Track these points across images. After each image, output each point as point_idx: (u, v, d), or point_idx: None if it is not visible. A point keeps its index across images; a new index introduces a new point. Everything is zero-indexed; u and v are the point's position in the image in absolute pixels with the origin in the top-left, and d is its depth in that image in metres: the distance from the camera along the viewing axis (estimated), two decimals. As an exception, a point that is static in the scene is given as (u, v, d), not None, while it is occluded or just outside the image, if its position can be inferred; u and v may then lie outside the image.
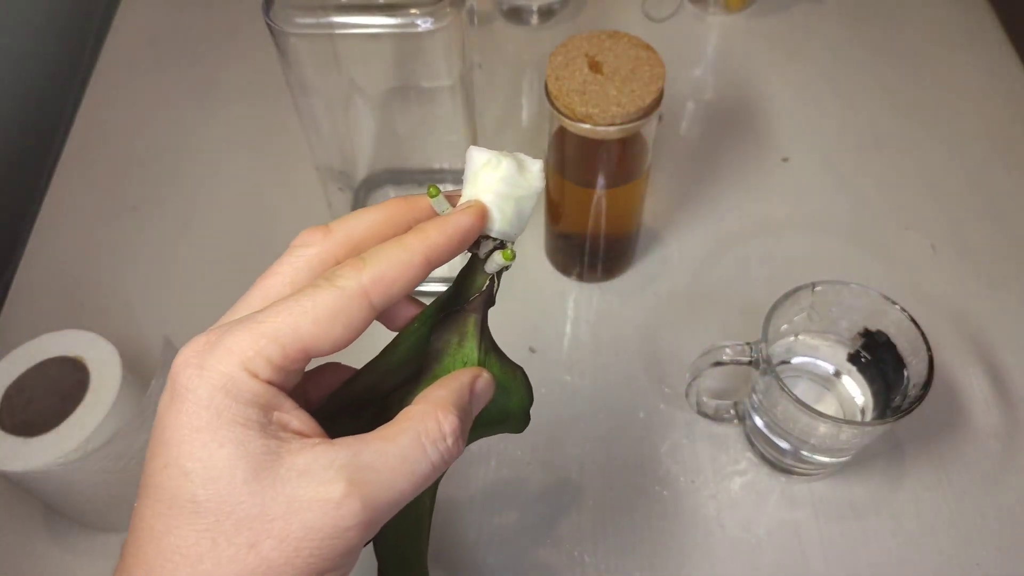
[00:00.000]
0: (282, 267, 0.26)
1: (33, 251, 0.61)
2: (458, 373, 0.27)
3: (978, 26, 0.74)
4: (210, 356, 0.23)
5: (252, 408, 0.22)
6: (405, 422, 0.24)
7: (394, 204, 0.27)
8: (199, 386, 0.22)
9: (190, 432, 0.22)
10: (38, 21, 0.72)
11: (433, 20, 0.41)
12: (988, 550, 0.46)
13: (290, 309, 0.23)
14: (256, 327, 0.23)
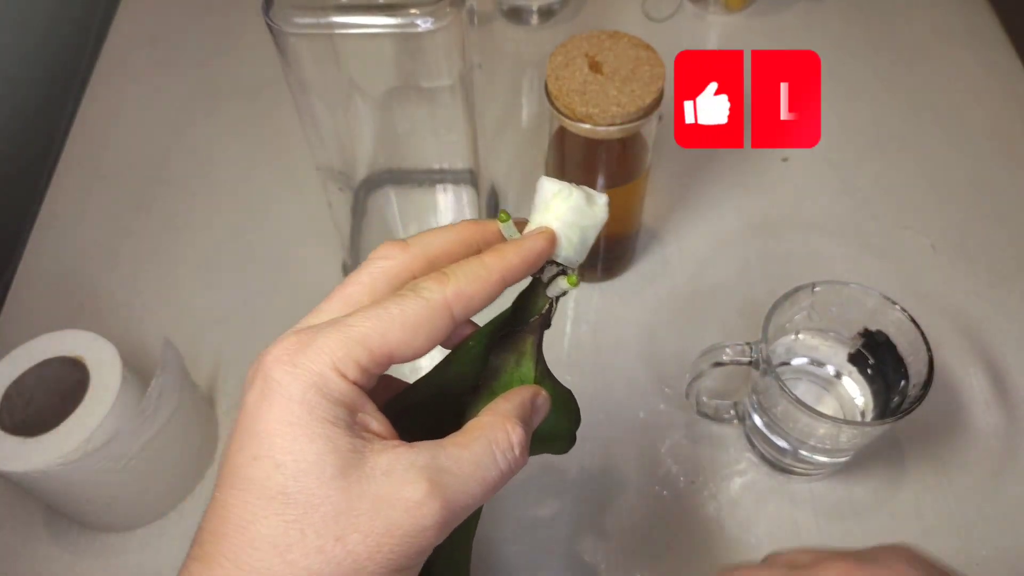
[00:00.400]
0: (362, 276, 0.27)
1: (33, 251, 0.61)
2: (520, 389, 0.28)
3: (978, 26, 0.74)
4: (302, 355, 0.24)
5: (340, 407, 0.24)
6: (476, 431, 0.26)
7: (466, 226, 0.29)
8: (292, 383, 0.23)
9: (282, 426, 0.23)
10: (38, 21, 0.72)
11: (433, 20, 0.41)
12: (988, 550, 0.46)
13: (379, 315, 0.25)
14: (347, 330, 0.24)
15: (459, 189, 0.60)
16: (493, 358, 0.30)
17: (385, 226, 0.61)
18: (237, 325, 0.57)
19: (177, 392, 0.46)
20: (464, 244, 0.29)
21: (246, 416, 0.24)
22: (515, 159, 0.65)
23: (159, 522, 0.49)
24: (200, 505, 0.49)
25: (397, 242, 0.28)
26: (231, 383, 0.54)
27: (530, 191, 0.67)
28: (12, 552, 0.48)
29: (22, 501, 0.50)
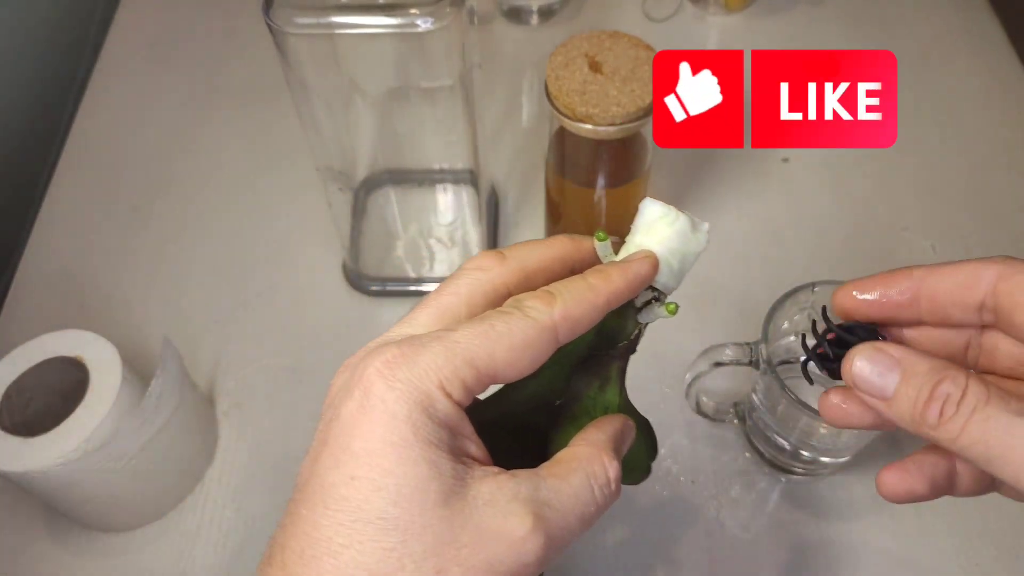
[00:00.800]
0: (459, 287, 0.26)
1: (33, 251, 0.61)
2: (611, 419, 0.28)
3: (978, 27, 0.74)
4: (407, 370, 0.22)
5: (444, 429, 0.23)
6: (574, 462, 0.25)
7: (562, 242, 0.28)
8: (396, 400, 0.22)
9: (384, 446, 0.22)
10: (38, 21, 0.72)
11: (433, 20, 0.41)
12: (988, 550, 0.46)
13: (486, 333, 0.23)
14: (453, 346, 0.23)
15: (459, 189, 0.60)
16: (575, 381, 0.29)
17: (385, 226, 0.61)
18: (237, 325, 0.57)
19: (177, 392, 0.46)
20: (560, 261, 0.27)
21: (342, 430, 0.23)
22: (515, 159, 0.65)
23: (159, 522, 0.49)
24: (200, 505, 0.49)
25: (493, 252, 0.27)
26: (231, 383, 0.54)
27: (530, 191, 0.67)
28: (12, 552, 0.48)
29: (22, 501, 0.50)
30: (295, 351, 0.55)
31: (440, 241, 0.60)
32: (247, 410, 0.53)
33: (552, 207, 0.55)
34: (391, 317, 0.57)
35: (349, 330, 0.57)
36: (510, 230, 0.61)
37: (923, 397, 0.24)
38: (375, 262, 0.59)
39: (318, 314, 0.57)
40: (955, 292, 0.27)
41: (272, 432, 0.52)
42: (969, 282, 0.27)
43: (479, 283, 0.26)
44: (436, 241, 0.60)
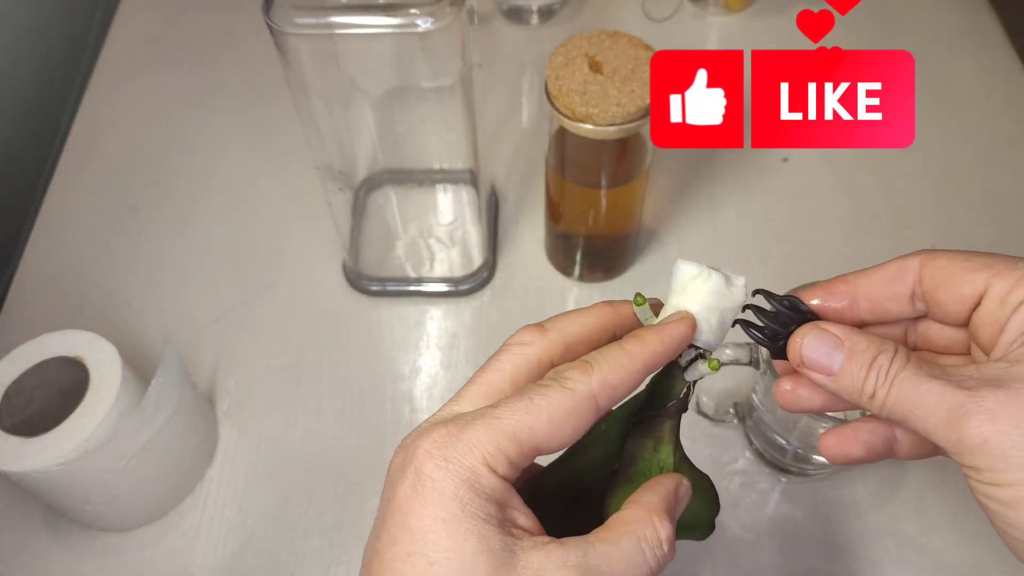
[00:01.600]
0: (502, 363, 0.27)
1: (33, 251, 0.61)
2: (663, 479, 0.28)
3: (978, 27, 0.74)
4: (453, 449, 0.24)
5: (491, 503, 0.23)
6: (623, 526, 0.25)
7: (601, 309, 0.29)
8: (444, 478, 0.23)
9: (435, 522, 0.23)
10: (38, 21, 0.72)
11: (433, 20, 0.41)
12: (988, 551, 0.46)
13: (526, 408, 0.24)
14: (495, 423, 0.24)
15: (459, 189, 0.60)
16: (629, 444, 0.29)
17: (385, 226, 0.61)
18: (237, 325, 0.57)
19: (177, 392, 0.46)
20: (601, 328, 0.28)
21: (397, 509, 0.24)
22: (515, 159, 0.66)
23: (159, 522, 0.49)
24: (200, 505, 0.49)
25: (535, 327, 0.28)
26: (231, 383, 0.54)
27: (530, 191, 0.67)
28: (12, 552, 0.48)
29: (22, 501, 0.50)
30: (295, 351, 0.56)
31: (440, 241, 0.60)
32: (247, 410, 0.53)
33: (552, 207, 0.55)
34: (391, 317, 0.57)
35: (349, 330, 0.57)
36: (510, 230, 0.61)
37: (863, 370, 0.26)
38: (375, 262, 0.59)
39: (318, 314, 0.57)
40: (886, 288, 0.29)
41: (272, 432, 0.52)
42: (897, 276, 0.29)
43: (522, 358, 0.27)
44: (436, 241, 0.60)
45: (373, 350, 0.56)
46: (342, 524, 0.49)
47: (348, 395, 0.54)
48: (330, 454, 0.51)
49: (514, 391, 0.26)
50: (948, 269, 0.27)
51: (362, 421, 0.52)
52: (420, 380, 0.54)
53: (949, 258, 0.27)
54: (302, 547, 0.48)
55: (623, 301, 0.29)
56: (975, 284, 0.26)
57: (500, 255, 0.60)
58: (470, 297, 0.58)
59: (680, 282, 0.30)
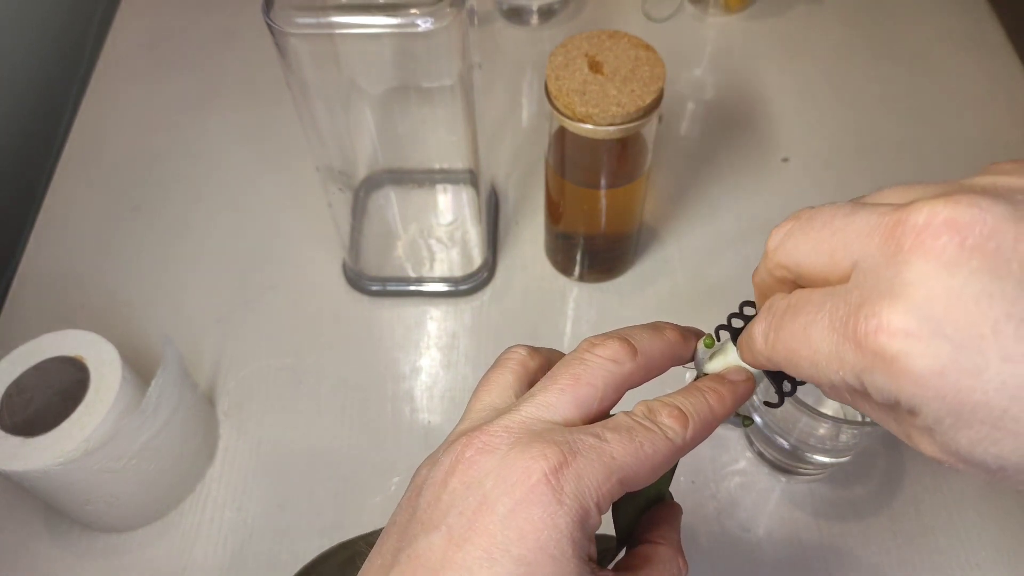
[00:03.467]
0: (596, 379, 0.26)
1: (33, 251, 0.61)
2: (675, 513, 0.29)
3: (978, 28, 0.74)
4: (574, 484, 0.23)
5: (591, 544, 0.23)
6: (659, 564, 0.27)
7: (675, 337, 0.28)
8: (563, 514, 0.22)
9: (545, 557, 0.22)
10: (38, 22, 0.72)
11: (433, 20, 0.41)
12: (987, 551, 0.46)
13: (637, 452, 0.24)
14: (611, 463, 0.23)
15: (459, 189, 0.61)
16: None
17: (385, 226, 0.61)
18: (237, 325, 0.57)
19: (177, 392, 0.46)
20: (675, 358, 0.28)
21: (499, 528, 0.22)
22: (515, 159, 0.66)
23: (159, 522, 0.49)
24: (200, 505, 0.49)
25: (626, 344, 0.27)
26: (231, 383, 0.54)
27: (530, 191, 0.67)
28: (12, 552, 0.48)
29: (22, 501, 0.50)
30: (295, 351, 0.56)
31: (440, 241, 0.60)
32: (247, 410, 0.53)
33: (552, 207, 0.55)
34: (391, 317, 0.57)
35: (349, 330, 0.57)
36: (510, 230, 0.61)
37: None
38: (375, 262, 0.59)
39: (318, 314, 0.57)
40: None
41: (272, 432, 0.52)
42: None
43: (614, 377, 0.26)
44: (436, 241, 0.60)
45: (373, 350, 0.56)
46: (342, 524, 0.49)
47: (348, 395, 0.54)
48: (330, 454, 0.51)
49: (600, 410, 0.26)
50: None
51: (362, 421, 0.52)
52: (420, 380, 0.54)
53: None
54: (302, 547, 0.48)
55: (690, 331, 0.29)
56: None
57: (500, 255, 0.60)
58: (470, 297, 0.58)
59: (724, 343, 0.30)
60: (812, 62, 0.72)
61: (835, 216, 0.22)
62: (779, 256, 0.24)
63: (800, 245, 0.23)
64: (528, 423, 0.24)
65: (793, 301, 0.23)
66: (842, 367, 0.20)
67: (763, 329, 0.24)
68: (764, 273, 0.26)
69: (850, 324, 0.20)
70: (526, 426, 0.24)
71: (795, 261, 0.23)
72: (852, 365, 0.20)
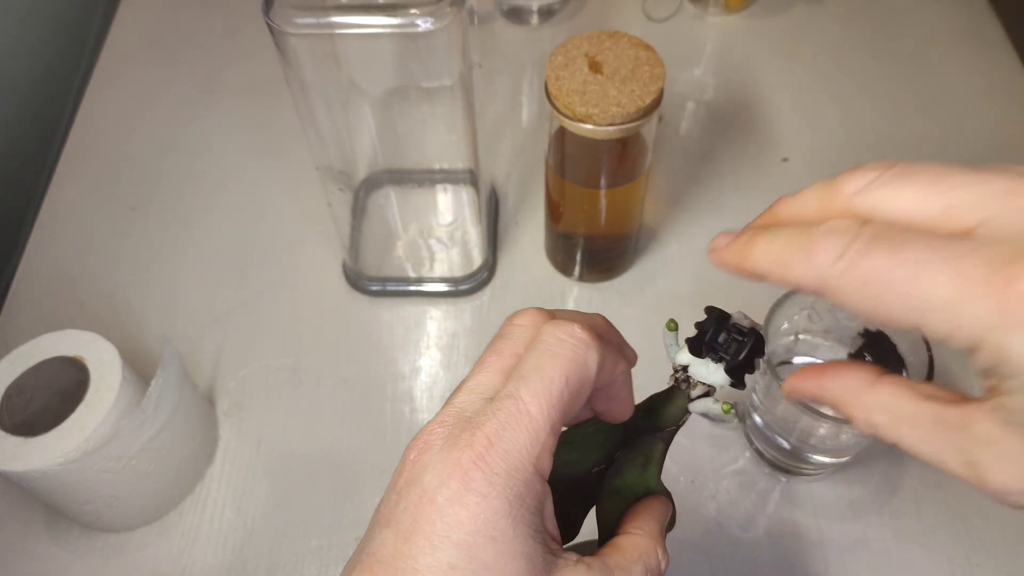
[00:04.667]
0: (519, 347, 0.27)
1: (33, 251, 0.61)
2: (660, 506, 0.29)
3: (978, 27, 0.74)
4: (500, 462, 0.23)
5: (537, 515, 0.23)
6: (634, 552, 0.26)
7: (597, 328, 0.28)
8: (497, 495, 0.22)
9: (485, 540, 0.22)
10: (38, 21, 0.72)
11: (433, 20, 0.41)
12: (987, 550, 0.46)
13: (554, 391, 0.24)
14: (531, 422, 0.23)
15: (459, 189, 0.60)
16: (620, 455, 0.30)
17: (385, 226, 0.61)
18: (237, 325, 0.57)
19: (177, 392, 0.46)
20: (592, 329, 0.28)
21: (438, 516, 0.22)
22: (515, 159, 0.66)
23: (159, 522, 0.49)
24: (200, 505, 0.49)
25: (541, 312, 0.28)
26: (231, 383, 0.54)
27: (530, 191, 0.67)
28: (12, 552, 0.48)
29: (22, 501, 0.50)
30: (295, 351, 0.56)
31: (440, 241, 0.60)
32: (247, 410, 0.53)
33: (552, 207, 0.55)
34: (391, 317, 0.57)
35: (349, 330, 0.57)
36: (510, 230, 0.61)
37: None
38: (375, 262, 0.59)
39: (318, 314, 0.57)
40: None
41: (272, 432, 0.52)
42: None
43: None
44: (436, 241, 0.60)
45: (373, 350, 0.56)
46: (342, 524, 0.49)
47: (348, 395, 0.54)
48: (330, 454, 0.51)
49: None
50: None
51: (362, 421, 0.52)
52: (420, 380, 0.54)
53: None
54: (302, 547, 0.48)
55: (610, 341, 0.29)
56: None
57: (500, 255, 0.60)
58: (470, 297, 0.58)
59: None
60: (812, 61, 0.72)
61: (951, 173, 0.21)
62: (861, 201, 0.23)
63: (901, 194, 0.22)
64: (460, 411, 0.25)
65: (885, 232, 0.21)
66: (961, 321, 0.19)
67: (838, 248, 0.22)
68: (819, 209, 0.25)
69: (994, 279, 0.19)
70: (458, 415, 0.24)
71: (887, 208, 0.22)
72: (980, 321, 0.19)
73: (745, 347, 0.28)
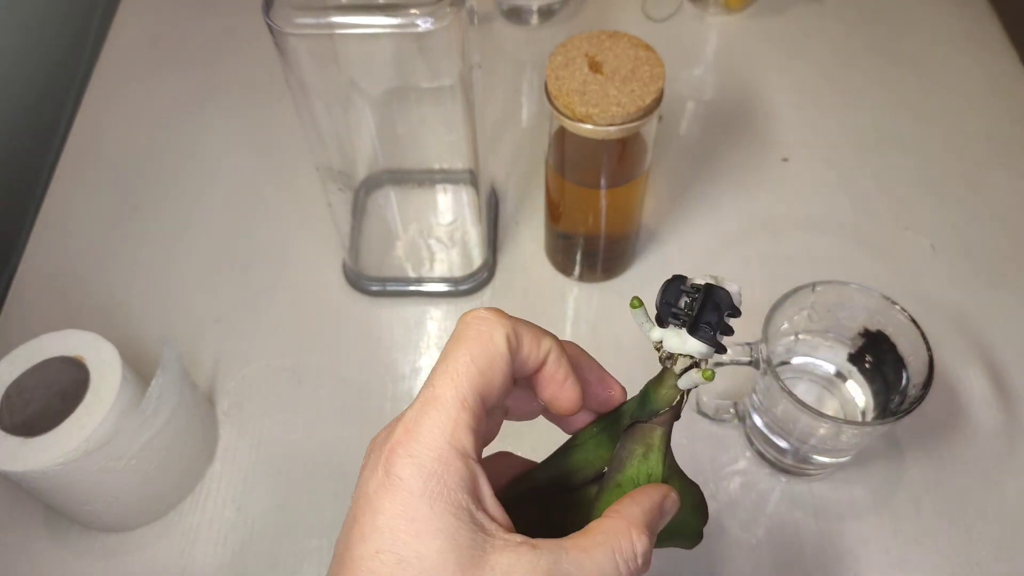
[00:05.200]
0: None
1: (33, 251, 0.61)
2: (650, 490, 0.27)
3: (978, 27, 0.74)
4: (417, 441, 0.23)
5: (461, 492, 0.23)
6: (600, 535, 0.25)
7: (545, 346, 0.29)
8: (412, 476, 0.23)
9: (404, 522, 0.22)
10: (38, 22, 0.72)
11: (433, 20, 0.41)
12: (988, 550, 0.46)
13: (454, 373, 0.25)
14: (440, 403, 0.24)
15: (459, 189, 0.61)
16: (619, 449, 0.29)
17: (385, 226, 0.61)
18: (237, 325, 0.57)
19: (177, 392, 0.46)
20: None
21: (367, 506, 0.23)
22: (515, 159, 0.66)
23: (159, 522, 0.49)
24: (200, 505, 0.49)
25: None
26: (231, 383, 0.54)
27: (530, 191, 0.67)
28: (12, 552, 0.48)
29: (22, 501, 0.50)
30: (295, 351, 0.56)
31: (440, 241, 0.60)
32: (247, 410, 0.53)
33: (552, 207, 0.55)
34: (391, 317, 0.57)
35: (349, 330, 0.57)
36: (510, 230, 0.61)
37: None
38: (375, 262, 0.59)
39: (318, 314, 0.57)
40: None
41: (272, 432, 0.52)
42: None
43: None
44: (436, 241, 0.60)
45: (373, 350, 0.56)
46: (341, 524, 0.48)
47: (348, 395, 0.54)
48: (330, 454, 0.51)
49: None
50: None
51: (362, 421, 0.52)
52: (420, 380, 0.54)
53: None
54: (302, 547, 0.48)
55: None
56: None
57: (500, 255, 0.60)
58: (470, 297, 0.58)
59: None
60: (812, 62, 0.72)
61: None
62: None
63: None
64: (402, 412, 0.25)
65: None
66: None
67: None
68: None
69: None
70: (400, 416, 0.25)
71: None
72: None
73: (698, 303, 0.27)
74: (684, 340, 0.27)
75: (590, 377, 0.29)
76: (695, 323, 0.27)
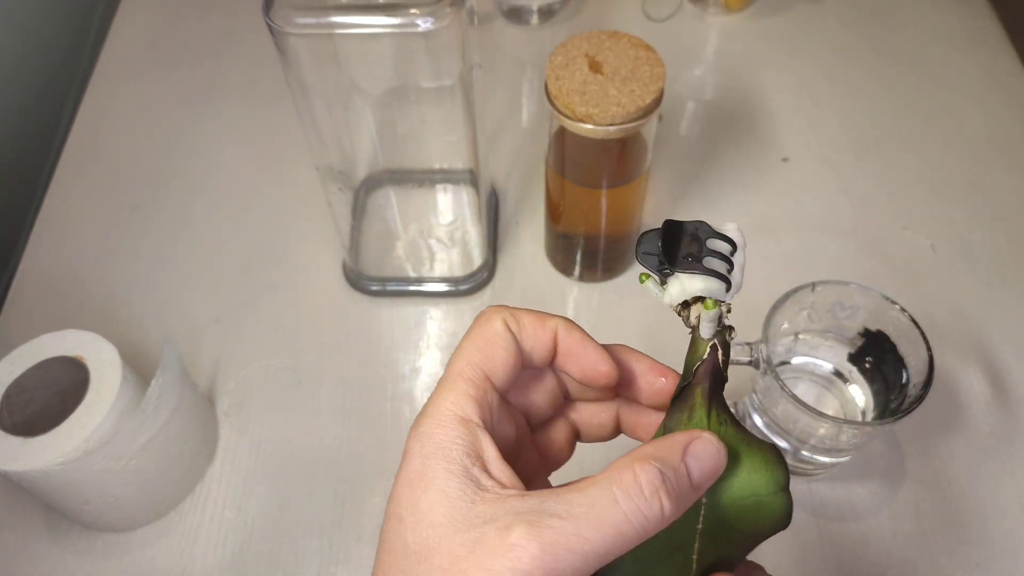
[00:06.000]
0: None
1: (33, 251, 0.61)
2: (673, 434, 0.26)
3: (978, 26, 0.74)
4: (424, 418, 0.26)
5: (456, 450, 0.25)
6: (599, 476, 0.24)
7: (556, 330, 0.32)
8: (417, 448, 0.25)
9: (407, 487, 0.25)
10: (38, 22, 0.72)
11: (433, 20, 0.41)
12: (988, 550, 0.46)
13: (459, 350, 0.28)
14: (449, 380, 0.27)
15: (459, 189, 0.60)
16: (666, 419, 0.27)
17: (385, 226, 0.61)
18: (237, 325, 0.57)
19: (177, 392, 0.46)
20: None
21: (396, 487, 0.25)
22: (515, 159, 0.66)
23: (159, 522, 0.49)
24: (200, 505, 0.49)
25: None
26: (231, 383, 0.54)
27: (530, 191, 0.67)
28: (12, 552, 0.48)
29: (22, 501, 0.50)
30: (295, 351, 0.56)
31: (440, 241, 0.60)
32: (247, 410, 0.53)
33: (552, 207, 0.55)
34: (391, 317, 0.57)
35: (349, 330, 0.57)
36: (510, 230, 0.61)
37: None
38: (375, 262, 0.59)
39: (318, 314, 0.57)
40: None
41: (272, 432, 0.52)
42: None
43: None
44: (436, 241, 0.60)
45: (373, 350, 0.56)
46: (342, 524, 0.49)
47: (348, 395, 0.54)
48: (330, 454, 0.51)
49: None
50: None
51: (362, 421, 0.52)
52: (420, 380, 0.54)
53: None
54: (302, 547, 0.48)
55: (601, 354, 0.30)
56: None
57: (500, 255, 0.60)
58: (470, 297, 0.58)
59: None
60: (812, 62, 0.72)
61: None
62: None
63: None
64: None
65: None
66: None
67: None
68: None
69: None
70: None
71: None
72: None
73: (657, 239, 0.27)
74: (681, 282, 0.27)
75: (640, 368, 0.30)
76: (674, 260, 0.27)
